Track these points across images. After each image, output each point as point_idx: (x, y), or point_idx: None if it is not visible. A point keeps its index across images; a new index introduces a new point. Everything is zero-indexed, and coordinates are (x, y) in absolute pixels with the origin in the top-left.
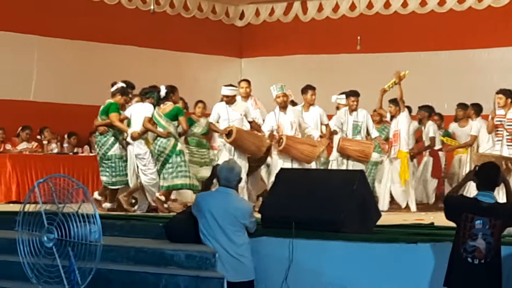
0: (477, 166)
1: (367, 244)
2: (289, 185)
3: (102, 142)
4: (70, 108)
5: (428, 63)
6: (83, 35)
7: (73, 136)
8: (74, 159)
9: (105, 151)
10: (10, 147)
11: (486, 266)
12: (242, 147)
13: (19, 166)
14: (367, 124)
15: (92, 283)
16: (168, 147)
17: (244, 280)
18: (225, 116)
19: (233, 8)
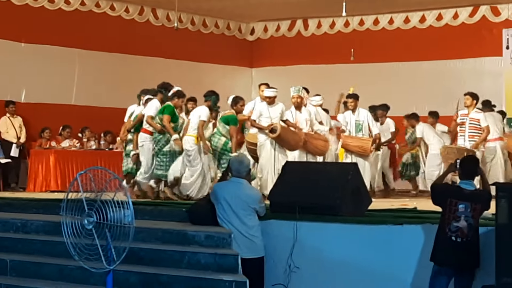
0: (458, 159)
1: (360, 226)
2: (293, 175)
3: (158, 139)
4: (106, 111)
5: (411, 72)
6: (117, 48)
7: (108, 135)
8: (110, 154)
9: (161, 147)
10: (54, 144)
11: (467, 244)
12: (283, 142)
13: (62, 160)
14: (368, 123)
15: (126, 260)
16: (219, 145)
17: (255, 257)
18: (267, 114)
19: (245, 25)
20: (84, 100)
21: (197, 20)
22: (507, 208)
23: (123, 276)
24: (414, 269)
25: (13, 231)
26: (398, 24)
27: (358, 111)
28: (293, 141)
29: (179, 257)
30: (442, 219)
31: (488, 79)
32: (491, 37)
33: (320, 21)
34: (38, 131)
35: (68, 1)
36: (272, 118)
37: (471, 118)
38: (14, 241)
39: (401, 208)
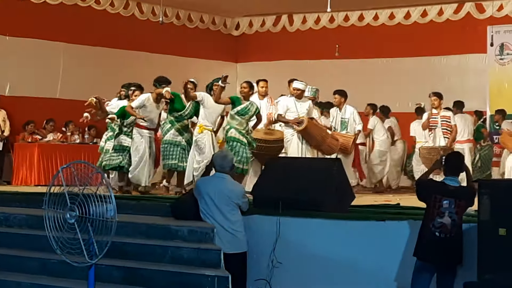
0: (443, 156)
1: (343, 222)
2: (277, 171)
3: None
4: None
5: (395, 68)
6: (102, 42)
7: (92, 129)
8: (93, 148)
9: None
10: (38, 137)
11: (451, 240)
12: (310, 136)
13: (46, 154)
14: (354, 120)
15: (108, 254)
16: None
17: (238, 252)
18: (294, 109)
19: (230, 20)
20: (69, 94)
21: (182, 15)
22: (489, 205)
23: (105, 270)
24: (397, 264)
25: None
26: (383, 20)
27: (345, 108)
28: (319, 136)
29: (162, 252)
30: (426, 215)
31: (472, 76)
32: (475, 34)
33: (305, 17)
34: (22, 125)
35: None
36: (301, 113)
37: (442, 116)
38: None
39: (384, 204)
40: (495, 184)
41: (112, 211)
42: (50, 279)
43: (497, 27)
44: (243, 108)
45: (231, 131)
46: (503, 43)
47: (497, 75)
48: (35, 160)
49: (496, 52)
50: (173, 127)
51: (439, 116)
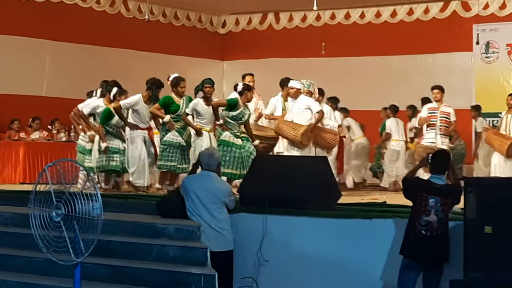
0: (430, 154)
1: (329, 220)
2: (263, 169)
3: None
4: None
5: (382, 66)
6: (88, 40)
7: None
8: None
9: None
10: (24, 136)
11: (437, 238)
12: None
13: (32, 152)
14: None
15: (94, 252)
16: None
17: (224, 250)
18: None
19: (217, 18)
20: (55, 91)
21: (168, 13)
22: (475, 203)
23: (91, 268)
24: (383, 263)
25: None
26: (369, 19)
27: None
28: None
29: (148, 250)
30: (413, 213)
31: (458, 74)
32: (461, 32)
33: (292, 15)
34: (7, 123)
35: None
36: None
37: (442, 111)
38: None
39: (371, 202)
40: (481, 182)
41: (98, 209)
42: (36, 278)
43: (482, 25)
44: (238, 113)
45: (225, 134)
46: (488, 42)
47: (483, 73)
48: (20, 158)
49: (482, 51)
50: (172, 129)
51: (439, 111)
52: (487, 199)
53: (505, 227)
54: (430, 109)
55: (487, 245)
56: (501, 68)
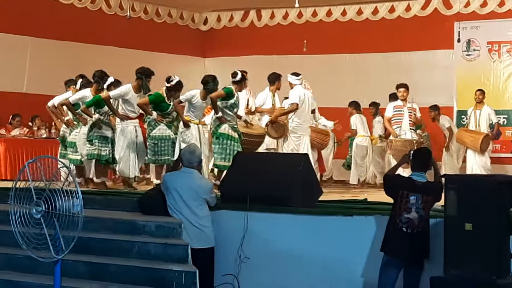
0: (412, 151)
1: (311, 217)
2: (245, 166)
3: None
4: None
5: (363, 64)
6: (69, 36)
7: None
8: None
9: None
10: (4, 132)
11: (417, 235)
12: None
13: (12, 149)
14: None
15: (74, 249)
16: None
17: (205, 247)
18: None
19: (198, 15)
20: (36, 88)
21: (150, 9)
22: (456, 200)
23: (71, 265)
24: (365, 260)
25: None
26: (351, 16)
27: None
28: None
29: (129, 247)
30: (394, 210)
31: (440, 72)
32: (443, 30)
33: (274, 12)
34: None
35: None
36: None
37: (409, 108)
38: None
39: (352, 199)
40: (461, 180)
41: (78, 206)
42: (16, 275)
43: (464, 23)
44: (235, 101)
45: (223, 127)
46: (470, 39)
47: (464, 71)
48: (1, 155)
49: (463, 48)
50: (161, 123)
51: (406, 107)
52: (467, 196)
53: (485, 224)
54: (396, 107)
55: (468, 242)
56: (482, 65)
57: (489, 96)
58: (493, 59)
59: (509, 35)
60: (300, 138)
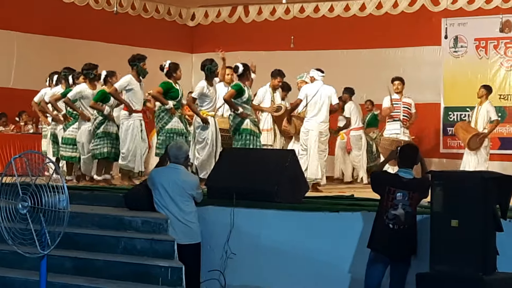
0: (399, 147)
1: (297, 212)
2: (231, 162)
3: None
4: None
5: (351, 60)
6: (56, 32)
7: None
8: None
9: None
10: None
11: (404, 231)
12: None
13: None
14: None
15: (60, 245)
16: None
17: (192, 243)
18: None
19: (186, 10)
20: (22, 83)
21: (137, 5)
22: (442, 196)
23: (57, 261)
24: (351, 256)
25: None
26: (338, 12)
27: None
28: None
29: (115, 242)
30: (380, 207)
31: (427, 68)
32: (430, 26)
33: (261, 8)
34: None
35: None
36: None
37: (404, 102)
38: None
39: (338, 196)
40: (448, 176)
41: (64, 202)
42: (2, 270)
43: (451, 19)
44: (248, 95)
45: (246, 122)
46: (457, 36)
47: (451, 67)
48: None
49: (450, 45)
50: (174, 116)
51: (401, 102)
52: (454, 192)
53: (471, 220)
54: (394, 100)
55: (454, 238)
56: (469, 62)
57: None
58: (480, 55)
59: (496, 31)
60: (308, 133)
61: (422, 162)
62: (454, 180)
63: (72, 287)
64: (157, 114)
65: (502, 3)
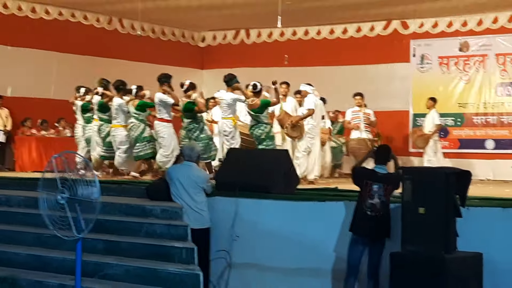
0: (376, 147)
1: (290, 202)
2: (236, 160)
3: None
4: None
5: (334, 75)
6: (88, 51)
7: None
8: None
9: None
10: (35, 132)
11: (380, 217)
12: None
13: (42, 145)
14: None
15: (93, 229)
16: (264, 133)
17: (203, 227)
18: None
19: (197, 34)
20: (61, 95)
21: (157, 29)
22: (411, 188)
23: (90, 243)
24: (336, 238)
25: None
26: (324, 35)
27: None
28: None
29: (138, 228)
30: (360, 197)
31: (398, 82)
32: (401, 46)
33: (260, 31)
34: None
35: (48, 11)
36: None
37: (365, 113)
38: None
39: (325, 188)
40: (416, 171)
41: (96, 193)
42: (44, 250)
43: (418, 41)
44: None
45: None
46: (423, 54)
47: (419, 81)
48: (33, 150)
49: (418, 62)
50: (204, 125)
51: (362, 112)
52: (421, 185)
53: (435, 208)
54: (354, 112)
55: (421, 223)
56: (433, 76)
57: (439, 102)
58: (443, 71)
59: (456, 51)
60: (314, 138)
61: (394, 159)
62: (421, 174)
63: (103, 264)
64: (189, 127)
65: (461, 27)
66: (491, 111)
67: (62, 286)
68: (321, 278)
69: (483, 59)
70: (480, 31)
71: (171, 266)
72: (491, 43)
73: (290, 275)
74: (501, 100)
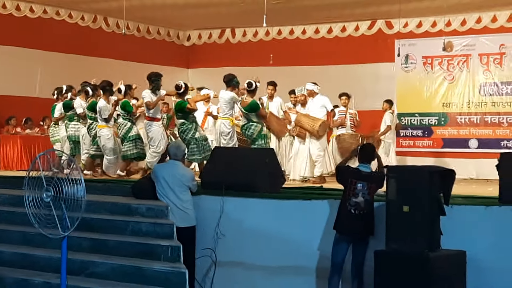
0: (359, 146)
1: (275, 201)
2: (221, 159)
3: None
4: None
5: (320, 74)
6: (73, 50)
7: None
8: None
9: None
10: (20, 130)
11: (364, 216)
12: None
13: (27, 144)
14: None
15: (78, 228)
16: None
17: (188, 226)
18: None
19: (183, 33)
20: (46, 93)
21: (142, 28)
22: (395, 187)
23: (76, 241)
24: (320, 236)
25: None
26: (309, 34)
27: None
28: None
29: (124, 226)
30: (344, 195)
31: (383, 81)
32: (385, 46)
33: (245, 31)
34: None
35: (33, 9)
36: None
37: (350, 113)
38: None
39: (310, 186)
40: (400, 170)
41: (82, 192)
42: (29, 249)
43: (403, 40)
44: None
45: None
46: (407, 54)
47: (403, 80)
48: (17, 149)
49: (402, 61)
50: (197, 126)
51: (348, 113)
52: (405, 184)
53: (419, 206)
54: (340, 111)
55: (405, 221)
56: (417, 76)
57: (423, 100)
58: (427, 70)
59: (440, 51)
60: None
61: (378, 158)
62: (406, 173)
63: (89, 263)
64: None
65: (445, 27)
66: (475, 110)
67: (48, 284)
68: (306, 276)
69: (466, 59)
70: (463, 31)
71: (157, 264)
72: (475, 43)
73: (274, 273)
74: (484, 99)
